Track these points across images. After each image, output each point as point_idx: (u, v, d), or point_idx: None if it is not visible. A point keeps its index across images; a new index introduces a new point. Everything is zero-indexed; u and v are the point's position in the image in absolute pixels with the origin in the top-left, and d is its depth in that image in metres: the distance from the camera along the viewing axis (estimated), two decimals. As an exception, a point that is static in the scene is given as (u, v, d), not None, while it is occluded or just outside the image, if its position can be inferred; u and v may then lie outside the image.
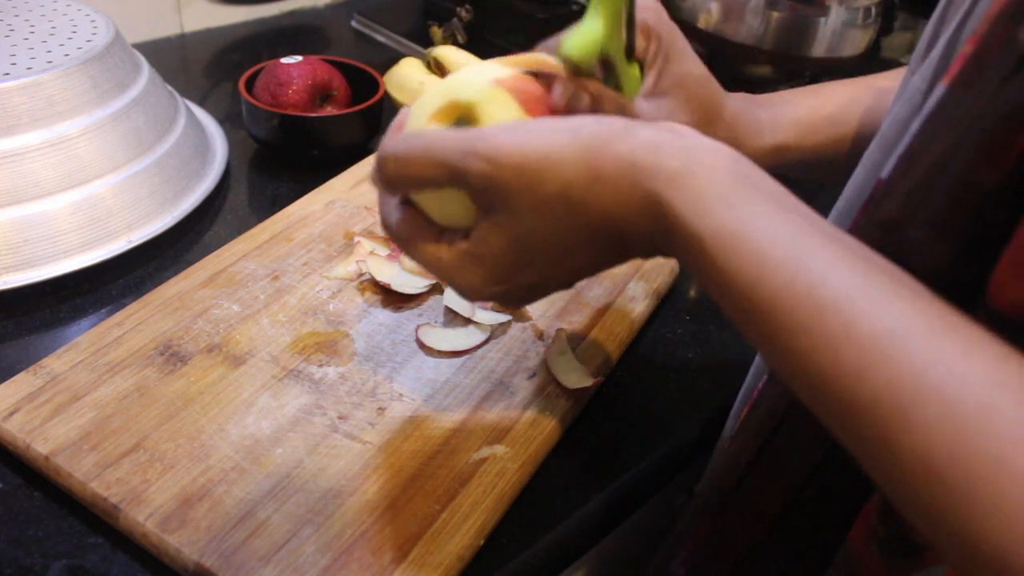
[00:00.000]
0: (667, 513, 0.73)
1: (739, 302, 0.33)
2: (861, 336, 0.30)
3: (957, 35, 0.39)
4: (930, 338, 0.29)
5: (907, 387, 0.28)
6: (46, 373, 0.52)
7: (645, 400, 0.60)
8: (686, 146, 0.35)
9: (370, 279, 0.63)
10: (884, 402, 0.29)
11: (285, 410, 0.52)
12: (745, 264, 0.32)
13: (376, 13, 1.10)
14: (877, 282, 0.31)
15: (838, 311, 0.30)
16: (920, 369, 0.29)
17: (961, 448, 0.27)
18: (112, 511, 0.46)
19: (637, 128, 0.36)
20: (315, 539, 0.45)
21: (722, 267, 0.33)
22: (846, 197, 0.47)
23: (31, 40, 0.67)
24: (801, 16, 0.87)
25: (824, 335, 0.30)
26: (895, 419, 0.28)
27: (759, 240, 0.33)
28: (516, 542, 0.49)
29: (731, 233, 0.33)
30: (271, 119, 0.76)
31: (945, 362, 0.29)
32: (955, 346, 0.29)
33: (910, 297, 0.31)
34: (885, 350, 0.29)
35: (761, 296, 0.32)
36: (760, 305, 0.32)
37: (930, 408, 0.28)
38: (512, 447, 0.52)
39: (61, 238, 0.62)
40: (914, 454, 0.28)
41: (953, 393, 0.28)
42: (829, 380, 0.30)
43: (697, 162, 0.35)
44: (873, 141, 0.45)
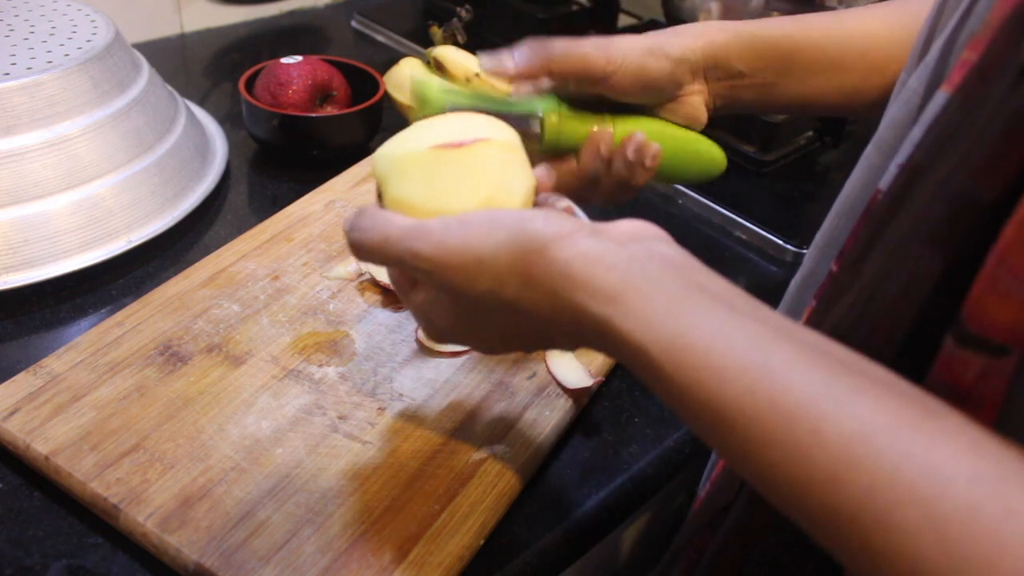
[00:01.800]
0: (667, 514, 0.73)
1: (699, 415, 0.32)
2: (830, 441, 0.29)
3: (954, 37, 0.38)
4: (899, 434, 0.28)
5: (883, 488, 0.28)
6: (46, 373, 0.52)
7: (645, 400, 0.60)
8: (630, 257, 0.35)
9: (370, 279, 0.63)
10: (862, 507, 0.28)
11: (285, 410, 0.52)
12: (701, 376, 0.31)
13: (376, 13, 1.10)
14: (839, 380, 0.30)
15: (804, 417, 0.29)
16: (893, 468, 0.28)
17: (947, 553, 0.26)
18: (112, 511, 0.46)
19: (579, 236, 0.36)
20: (315, 539, 0.45)
21: (676, 380, 0.32)
22: (844, 199, 0.47)
23: (31, 40, 0.67)
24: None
25: (793, 444, 0.29)
26: (875, 523, 0.28)
27: (713, 349, 0.32)
28: (516, 542, 0.49)
29: (682, 345, 0.32)
30: (271, 119, 0.76)
31: (918, 458, 0.28)
32: (925, 439, 0.28)
33: (873, 392, 0.30)
34: (856, 453, 0.28)
35: (722, 407, 0.31)
36: (722, 417, 0.31)
37: (909, 510, 0.27)
38: (512, 447, 0.52)
39: (61, 238, 0.62)
40: (899, 558, 0.27)
41: (930, 492, 0.27)
42: (803, 489, 0.29)
43: (639, 274, 0.34)
44: (870, 143, 0.45)
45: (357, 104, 0.80)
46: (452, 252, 0.37)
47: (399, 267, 0.41)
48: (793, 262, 0.76)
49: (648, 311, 0.33)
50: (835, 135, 0.92)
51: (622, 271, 0.34)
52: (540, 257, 0.35)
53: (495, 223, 0.37)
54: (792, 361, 0.31)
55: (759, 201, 0.83)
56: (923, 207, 0.34)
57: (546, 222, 0.36)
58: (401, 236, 0.39)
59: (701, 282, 0.34)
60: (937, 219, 0.33)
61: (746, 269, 0.76)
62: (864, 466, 0.28)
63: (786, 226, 0.79)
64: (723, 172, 0.58)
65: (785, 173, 0.89)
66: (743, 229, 0.79)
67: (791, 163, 0.90)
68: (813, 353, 0.31)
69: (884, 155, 0.43)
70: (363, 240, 0.40)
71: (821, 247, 0.48)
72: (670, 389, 0.33)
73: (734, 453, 0.32)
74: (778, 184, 0.87)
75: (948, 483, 0.27)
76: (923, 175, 0.35)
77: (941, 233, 0.33)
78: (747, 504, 0.43)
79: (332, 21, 1.12)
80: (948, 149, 0.34)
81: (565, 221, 0.37)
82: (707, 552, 0.46)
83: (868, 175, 0.44)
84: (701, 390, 0.31)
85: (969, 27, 0.37)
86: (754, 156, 0.87)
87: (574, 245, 0.35)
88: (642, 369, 0.34)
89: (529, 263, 0.36)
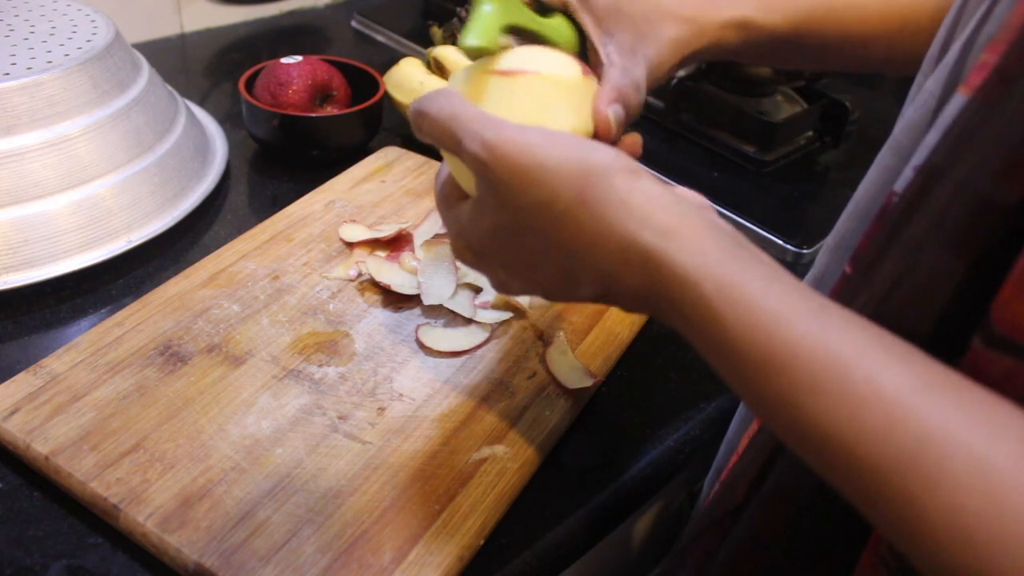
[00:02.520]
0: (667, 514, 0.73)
1: (745, 356, 0.32)
2: (886, 390, 0.29)
3: (973, 39, 0.38)
4: (953, 391, 0.29)
5: (937, 441, 0.28)
6: (46, 373, 0.52)
7: (645, 400, 0.60)
8: (687, 208, 0.35)
9: (370, 279, 0.63)
10: (914, 460, 0.28)
11: (285, 410, 0.52)
12: (754, 316, 0.31)
13: (376, 13, 1.10)
14: (890, 343, 0.30)
15: (859, 366, 0.29)
16: (948, 422, 0.28)
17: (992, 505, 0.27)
18: (112, 511, 0.46)
19: (643, 176, 0.36)
20: (315, 539, 0.45)
21: (728, 318, 0.32)
22: (857, 202, 0.46)
23: (31, 40, 0.67)
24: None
25: (846, 392, 0.29)
26: (924, 477, 0.28)
27: (769, 293, 0.32)
28: (516, 542, 0.49)
29: (738, 283, 0.32)
30: (271, 119, 0.76)
31: (970, 414, 0.28)
32: (975, 399, 0.29)
33: (921, 358, 0.30)
34: (912, 404, 0.28)
35: (773, 350, 0.31)
36: (771, 360, 0.31)
37: (959, 463, 0.27)
38: (512, 447, 0.52)
39: (61, 238, 0.62)
40: (942, 513, 0.27)
41: (981, 446, 0.27)
42: (851, 441, 0.29)
43: (691, 222, 0.34)
44: (884, 146, 0.45)
45: (357, 104, 0.80)
46: (516, 149, 0.36)
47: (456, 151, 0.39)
48: (793, 262, 0.76)
49: (704, 248, 0.33)
50: (835, 135, 0.92)
51: (679, 213, 0.35)
52: (601, 181, 0.35)
53: (568, 141, 0.37)
54: (844, 319, 0.31)
55: (759, 201, 0.83)
56: (941, 210, 0.34)
57: (616, 156, 0.36)
58: (472, 118, 0.38)
59: (751, 249, 0.35)
60: (957, 221, 0.33)
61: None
62: (919, 416, 0.28)
63: (786, 226, 0.79)
64: None
65: (785, 173, 0.89)
66: (743, 229, 0.79)
67: (791, 163, 0.90)
68: (861, 320, 0.32)
69: (899, 158, 0.42)
70: (431, 111, 0.39)
71: (832, 248, 0.48)
72: (718, 330, 0.32)
73: (776, 399, 0.31)
74: (778, 184, 0.87)
75: (999, 438, 0.27)
76: (940, 177, 0.35)
77: (962, 236, 0.33)
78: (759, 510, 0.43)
79: (332, 21, 1.12)
80: (966, 152, 0.34)
81: (633, 162, 0.37)
82: (716, 556, 0.46)
83: (883, 177, 0.44)
84: (752, 331, 0.31)
85: (987, 30, 0.37)
86: (754, 156, 0.87)
87: (637, 181, 0.36)
88: (689, 304, 0.33)
89: (588, 184, 0.35)
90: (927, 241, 0.34)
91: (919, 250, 0.35)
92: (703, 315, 0.33)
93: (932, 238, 0.34)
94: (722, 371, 0.34)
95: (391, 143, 0.82)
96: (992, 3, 0.37)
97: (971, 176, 0.33)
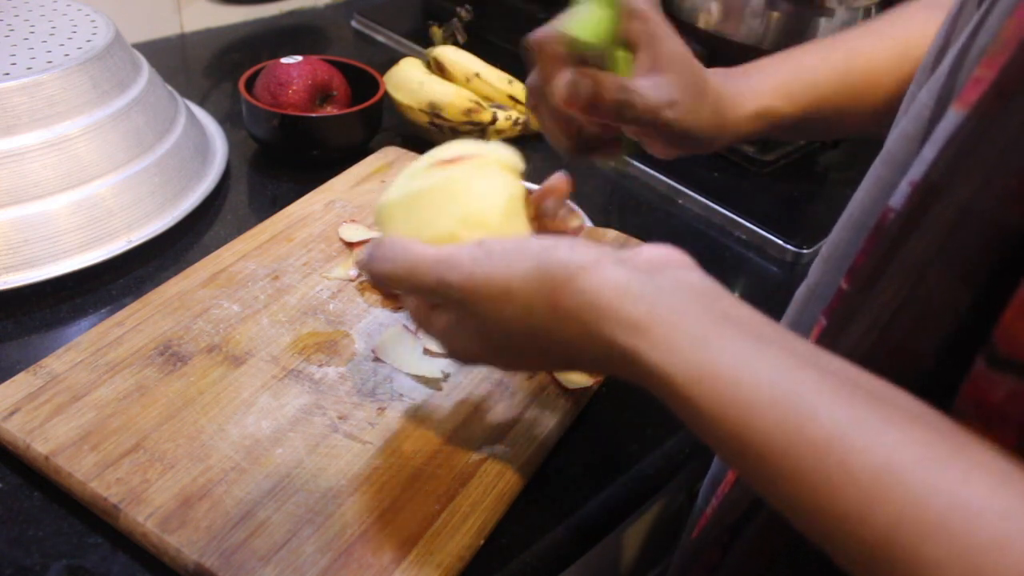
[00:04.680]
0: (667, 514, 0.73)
1: (727, 445, 0.33)
2: (859, 473, 0.29)
3: (965, 51, 0.38)
4: (929, 467, 0.29)
5: (912, 522, 0.28)
6: (46, 373, 0.52)
7: (645, 400, 0.59)
8: (656, 288, 0.35)
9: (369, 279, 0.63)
10: (890, 540, 0.28)
11: (285, 410, 0.52)
12: (728, 409, 0.32)
13: (376, 13, 1.10)
14: (868, 411, 0.30)
15: (832, 450, 0.30)
16: (922, 502, 0.28)
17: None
18: (112, 511, 0.46)
19: (604, 265, 0.36)
20: (315, 539, 0.45)
21: (704, 411, 0.32)
22: (851, 212, 0.46)
23: (31, 40, 0.67)
24: (801, 16, 0.87)
25: (821, 476, 0.30)
26: (904, 556, 0.28)
27: (741, 380, 0.32)
28: (516, 542, 0.49)
29: (710, 375, 0.32)
30: (271, 119, 0.76)
31: (947, 492, 0.28)
32: (955, 472, 0.28)
33: (902, 423, 0.30)
34: (886, 486, 0.28)
35: (750, 440, 0.31)
36: (750, 449, 0.31)
37: (939, 544, 0.27)
38: (512, 447, 0.52)
39: (61, 238, 0.62)
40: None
41: (960, 526, 0.27)
42: (831, 520, 0.30)
43: (665, 306, 0.34)
44: (878, 157, 0.44)
45: (357, 104, 0.80)
46: (481, 282, 0.38)
47: (426, 296, 0.42)
48: (793, 262, 0.76)
49: (674, 342, 0.33)
50: (835, 135, 0.92)
51: (648, 302, 0.35)
52: (567, 287, 0.36)
53: (522, 252, 0.38)
54: (820, 392, 0.31)
55: (759, 201, 0.83)
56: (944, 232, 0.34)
57: (571, 251, 0.37)
58: (430, 266, 0.40)
59: (727, 311, 0.35)
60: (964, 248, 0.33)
61: (746, 269, 0.76)
62: (893, 499, 0.28)
63: (786, 226, 0.79)
64: None
65: (785, 173, 0.89)
66: (743, 229, 0.79)
67: (791, 163, 0.90)
68: (841, 383, 0.31)
69: (893, 170, 0.42)
70: (388, 271, 0.41)
71: (827, 259, 0.48)
72: (698, 419, 0.33)
73: (762, 482, 0.32)
74: (778, 184, 0.87)
75: (978, 517, 0.27)
76: (939, 196, 0.34)
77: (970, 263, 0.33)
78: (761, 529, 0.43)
79: (332, 21, 1.12)
80: (966, 171, 0.33)
81: (589, 250, 0.37)
82: (717, 571, 0.46)
83: (877, 189, 0.44)
84: (728, 422, 0.32)
85: (980, 42, 0.37)
86: (754, 156, 0.87)
87: (600, 275, 0.36)
88: (670, 398, 0.34)
89: (556, 293, 0.36)
90: (930, 264, 0.34)
91: (922, 272, 0.34)
92: (682, 405, 0.34)
93: (936, 261, 0.34)
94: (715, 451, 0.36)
95: (391, 143, 0.82)
96: (984, 14, 0.37)
97: (976, 199, 0.32)
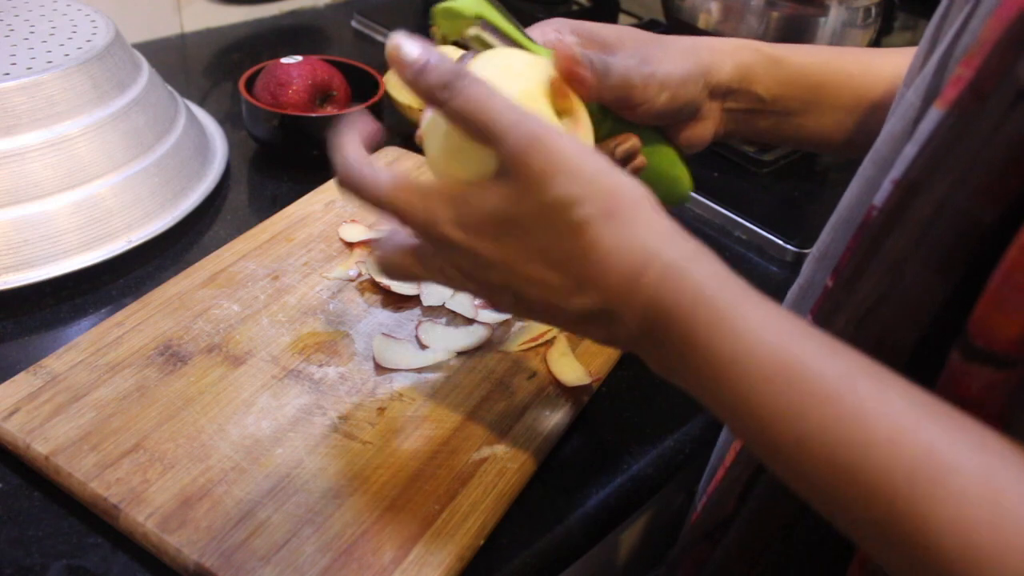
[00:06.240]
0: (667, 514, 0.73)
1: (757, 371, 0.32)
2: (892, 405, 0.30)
3: (950, 51, 0.38)
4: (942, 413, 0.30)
5: (938, 457, 0.28)
6: (46, 373, 0.52)
7: (645, 400, 0.60)
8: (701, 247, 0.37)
9: (370, 279, 0.63)
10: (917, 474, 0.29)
11: (285, 410, 0.52)
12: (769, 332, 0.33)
13: (376, 13, 1.10)
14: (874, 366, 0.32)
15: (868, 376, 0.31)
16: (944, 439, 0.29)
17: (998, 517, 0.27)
18: (112, 511, 0.46)
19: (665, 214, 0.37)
20: (315, 539, 0.45)
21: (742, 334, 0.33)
22: (840, 212, 0.47)
23: (31, 40, 0.67)
24: (801, 16, 0.87)
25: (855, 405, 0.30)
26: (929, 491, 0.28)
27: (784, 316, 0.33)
28: (516, 542, 0.49)
29: (752, 303, 0.34)
30: (271, 119, 0.76)
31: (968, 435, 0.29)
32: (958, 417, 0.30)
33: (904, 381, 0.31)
34: (916, 417, 0.29)
35: (788, 361, 0.32)
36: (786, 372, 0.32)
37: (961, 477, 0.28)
38: (512, 447, 0.52)
39: (61, 238, 0.62)
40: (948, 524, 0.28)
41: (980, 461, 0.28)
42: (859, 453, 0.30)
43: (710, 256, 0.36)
44: (867, 156, 0.45)
45: (357, 104, 0.80)
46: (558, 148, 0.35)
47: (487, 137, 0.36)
48: (793, 262, 0.76)
49: (725, 275, 0.35)
50: (835, 135, 0.92)
51: (699, 247, 0.36)
52: (630, 202, 0.36)
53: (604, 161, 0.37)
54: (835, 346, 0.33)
55: (759, 201, 0.83)
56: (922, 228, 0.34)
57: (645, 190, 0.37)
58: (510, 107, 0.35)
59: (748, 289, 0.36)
60: (940, 241, 0.33)
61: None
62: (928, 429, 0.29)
63: (786, 226, 0.78)
64: (687, 201, 0.56)
65: (785, 173, 0.89)
66: (743, 229, 0.79)
67: (791, 163, 0.90)
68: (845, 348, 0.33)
69: (880, 169, 0.43)
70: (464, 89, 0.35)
71: (817, 259, 0.48)
72: (732, 344, 0.33)
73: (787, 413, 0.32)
74: (778, 184, 0.87)
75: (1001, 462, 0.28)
76: (918, 192, 0.35)
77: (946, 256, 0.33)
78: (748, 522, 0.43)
79: (332, 21, 1.12)
80: (944, 167, 0.34)
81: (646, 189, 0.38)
82: (706, 568, 0.46)
83: (864, 189, 0.44)
84: (769, 344, 0.32)
85: (964, 43, 0.37)
86: (754, 156, 0.87)
87: (661, 214, 0.37)
88: (703, 323, 0.34)
89: (618, 202, 0.36)
90: (908, 258, 0.35)
91: (900, 267, 0.35)
92: (711, 333, 0.34)
93: (914, 255, 0.35)
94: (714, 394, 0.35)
95: (391, 143, 0.82)
96: (968, 15, 0.37)
97: (951, 194, 0.33)
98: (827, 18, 0.87)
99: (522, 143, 0.35)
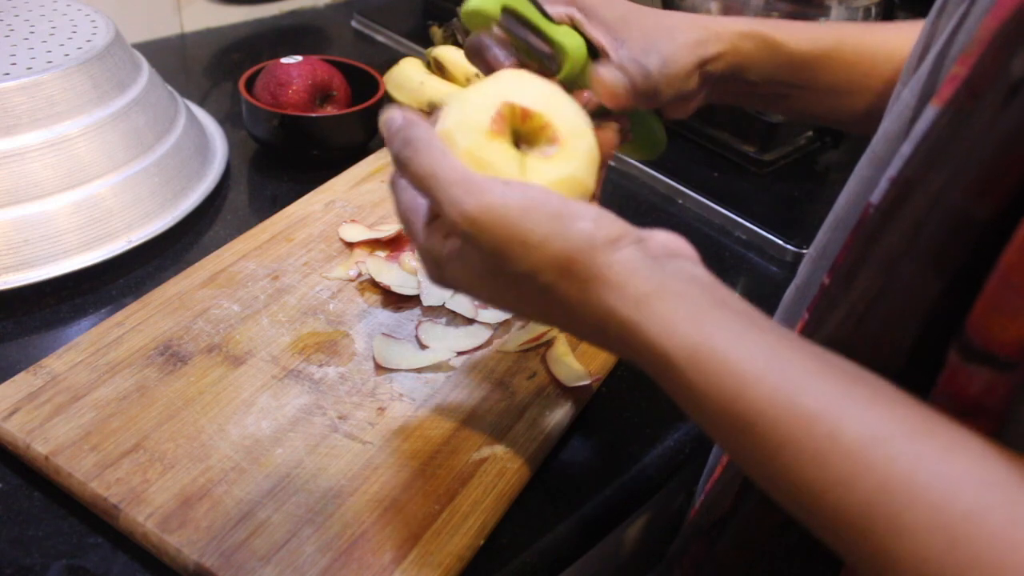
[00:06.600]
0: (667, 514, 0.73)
1: (718, 418, 0.33)
2: (847, 443, 0.30)
3: (946, 50, 0.38)
4: (913, 440, 0.30)
5: (896, 492, 0.29)
6: (46, 373, 0.52)
7: (645, 400, 0.60)
8: (662, 272, 0.36)
9: (370, 279, 0.63)
10: (875, 509, 0.29)
11: (285, 410, 0.52)
12: (722, 380, 0.33)
13: (376, 13, 1.10)
14: (854, 389, 0.31)
15: (821, 420, 0.31)
16: (907, 473, 0.29)
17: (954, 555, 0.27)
18: (112, 511, 0.46)
19: (624, 243, 0.36)
20: (315, 539, 0.45)
21: (697, 385, 0.33)
22: (837, 212, 0.47)
23: (31, 40, 0.67)
24: (801, 16, 0.87)
25: (810, 446, 0.31)
26: (887, 525, 0.29)
27: (734, 356, 0.33)
28: (516, 542, 0.49)
29: (705, 350, 0.33)
30: (271, 119, 0.76)
31: (930, 464, 0.29)
32: (937, 446, 0.29)
33: (886, 402, 0.31)
34: (872, 456, 0.30)
35: (742, 411, 0.32)
36: (741, 421, 0.32)
37: (920, 513, 0.28)
38: (512, 447, 0.52)
39: (61, 238, 0.62)
40: (907, 561, 0.28)
41: (940, 496, 0.28)
42: (817, 490, 0.30)
43: (667, 287, 0.35)
44: (863, 156, 0.45)
45: (357, 104, 0.80)
46: (499, 224, 0.36)
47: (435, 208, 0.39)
48: (793, 262, 0.76)
49: (672, 317, 0.34)
50: (835, 135, 0.92)
51: (654, 282, 0.35)
52: (583, 257, 0.36)
53: (550, 212, 0.37)
54: (810, 371, 0.32)
55: (759, 201, 0.83)
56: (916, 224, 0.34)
57: (596, 224, 0.37)
58: (452, 181, 0.37)
59: (724, 299, 0.35)
60: (933, 237, 0.33)
61: (746, 269, 0.76)
62: (878, 468, 0.29)
63: (786, 226, 0.79)
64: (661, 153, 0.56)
65: (785, 173, 0.89)
66: (743, 229, 0.79)
67: (791, 163, 0.90)
68: (830, 365, 0.33)
69: (876, 168, 0.43)
70: (410, 160, 0.38)
71: (815, 258, 0.48)
72: (690, 393, 0.34)
73: (751, 456, 0.33)
74: (778, 184, 0.87)
75: (959, 488, 0.28)
76: (913, 190, 0.35)
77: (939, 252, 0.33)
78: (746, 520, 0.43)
79: (332, 21, 1.12)
80: (938, 164, 0.34)
81: (614, 225, 0.37)
82: (705, 565, 0.46)
83: (861, 188, 0.44)
84: (721, 394, 0.33)
85: (959, 41, 0.37)
86: (754, 156, 0.87)
87: (616, 252, 0.36)
88: (663, 373, 0.35)
89: (572, 262, 0.36)
90: (903, 254, 0.35)
91: (895, 264, 0.35)
92: (675, 381, 0.34)
93: (908, 252, 0.35)
94: (704, 428, 0.35)
95: (391, 143, 0.82)
96: (964, 14, 0.38)
97: (945, 190, 0.33)
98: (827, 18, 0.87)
99: (466, 222, 0.37)
